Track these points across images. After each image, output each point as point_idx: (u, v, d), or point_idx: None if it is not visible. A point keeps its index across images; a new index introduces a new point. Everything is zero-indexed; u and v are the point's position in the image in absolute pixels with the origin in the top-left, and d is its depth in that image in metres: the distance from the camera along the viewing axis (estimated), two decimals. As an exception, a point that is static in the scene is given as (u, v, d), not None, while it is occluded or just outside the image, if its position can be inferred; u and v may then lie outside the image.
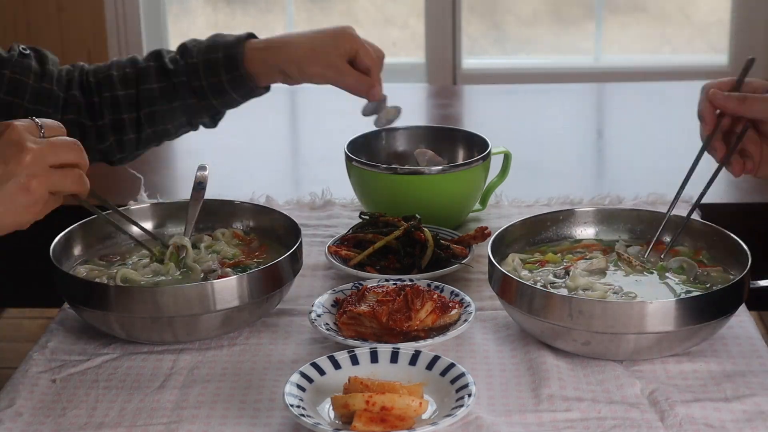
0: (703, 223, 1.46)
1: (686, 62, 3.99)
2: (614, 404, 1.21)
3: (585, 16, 4.18)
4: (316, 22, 4.20)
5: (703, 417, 1.19)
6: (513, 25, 4.22)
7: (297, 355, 1.34)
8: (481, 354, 1.33)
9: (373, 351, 1.24)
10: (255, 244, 1.50)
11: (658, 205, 1.75)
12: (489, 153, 1.68)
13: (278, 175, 2.31)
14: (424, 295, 1.33)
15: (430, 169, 1.64)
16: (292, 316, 1.43)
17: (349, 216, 1.75)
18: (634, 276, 1.38)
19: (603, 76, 3.93)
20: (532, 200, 1.82)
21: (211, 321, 1.34)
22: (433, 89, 3.50)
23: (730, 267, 1.38)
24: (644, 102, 2.70)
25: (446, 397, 1.18)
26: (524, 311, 1.29)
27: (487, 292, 1.44)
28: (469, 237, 1.54)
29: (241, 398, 1.24)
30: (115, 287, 1.33)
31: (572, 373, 1.27)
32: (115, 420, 1.21)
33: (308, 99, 2.89)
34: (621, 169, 2.28)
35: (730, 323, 1.34)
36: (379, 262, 1.50)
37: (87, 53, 3.84)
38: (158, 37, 4.05)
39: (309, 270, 1.55)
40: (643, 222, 1.48)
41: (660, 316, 1.23)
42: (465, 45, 4.05)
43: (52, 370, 1.31)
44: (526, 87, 3.10)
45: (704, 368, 1.28)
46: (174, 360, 1.33)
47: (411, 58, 4.14)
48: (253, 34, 1.71)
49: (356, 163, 1.67)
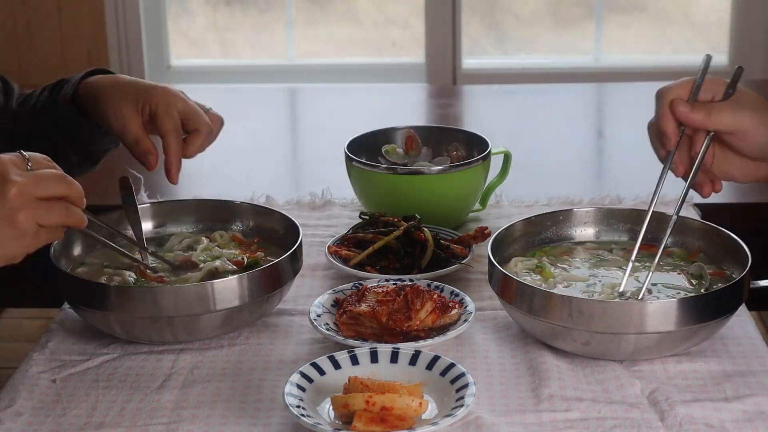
0: (703, 223, 1.46)
1: (686, 62, 3.99)
2: (614, 404, 1.21)
3: (585, 16, 4.17)
4: (317, 22, 4.20)
5: (703, 417, 1.19)
6: (513, 25, 4.22)
7: (297, 355, 1.34)
8: (481, 354, 1.33)
9: (373, 351, 1.24)
10: (254, 247, 1.50)
11: (658, 205, 1.75)
12: (489, 153, 1.68)
13: (278, 175, 2.31)
14: (424, 295, 1.33)
15: (430, 169, 1.64)
16: (292, 316, 1.43)
17: (349, 216, 1.75)
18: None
19: (603, 76, 3.93)
20: (532, 200, 1.82)
21: (211, 321, 1.34)
22: (433, 89, 3.50)
23: (730, 267, 1.38)
24: (644, 102, 2.69)
25: (446, 397, 1.18)
26: (524, 311, 1.29)
27: (487, 292, 1.44)
28: (469, 237, 1.54)
29: (241, 398, 1.24)
30: (115, 287, 1.33)
31: (572, 373, 1.27)
32: (115, 420, 1.21)
33: (308, 99, 2.89)
34: (621, 169, 2.28)
35: (730, 323, 1.34)
36: (379, 262, 1.50)
37: (87, 53, 3.84)
38: (158, 37, 4.05)
39: (309, 270, 1.55)
40: (643, 222, 1.48)
41: (660, 316, 1.23)
42: (465, 45, 4.05)
43: (52, 370, 1.31)
44: (526, 87, 3.10)
45: (704, 368, 1.28)
46: (174, 360, 1.33)
47: (411, 58, 4.14)
48: (99, 71, 1.57)
49: (356, 163, 1.67)
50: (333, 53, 4.25)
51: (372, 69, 4.13)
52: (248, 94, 3.01)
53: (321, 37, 4.24)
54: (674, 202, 1.77)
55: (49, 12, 3.83)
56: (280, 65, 4.18)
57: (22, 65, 3.82)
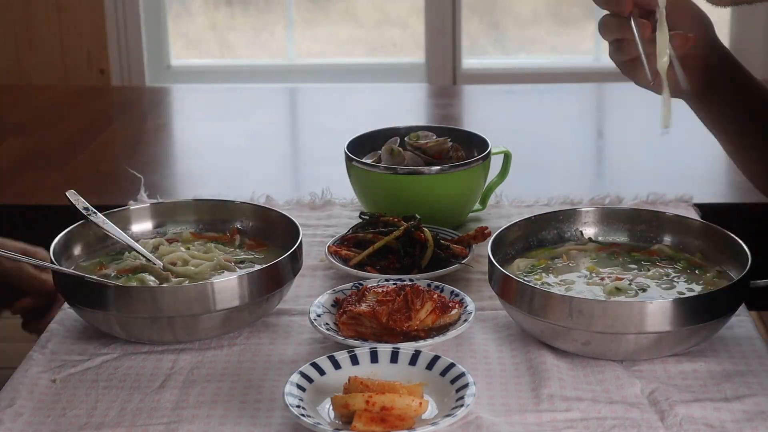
0: (703, 223, 1.46)
1: (686, 62, 3.99)
2: (614, 404, 1.21)
3: (585, 16, 4.17)
4: (317, 22, 4.20)
5: (703, 417, 1.19)
6: (513, 25, 4.22)
7: (297, 355, 1.34)
8: (481, 354, 1.33)
9: (373, 351, 1.24)
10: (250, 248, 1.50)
11: (659, 205, 1.76)
12: (489, 153, 1.68)
13: (278, 175, 2.31)
14: (424, 295, 1.33)
15: (430, 169, 1.64)
16: (292, 316, 1.43)
17: (349, 216, 1.75)
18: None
19: (603, 76, 3.92)
20: (532, 200, 1.82)
21: (211, 321, 1.34)
22: (433, 89, 3.49)
23: (730, 267, 1.38)
24: (644, 102, 2.69)
25: (446, 397, 1.18)
26: (524, 311, 1.29)
27: (487, 292, 1.44)
28: (469, 237, 1.54)
29: (241, 398, 1.24)
30: (115, 287, 1.33)
31: (572, 373, 1.27)
32: (115, 420, 1.21)
33: (308, 99, 2.89)
34: (621, 169, 2.28)
35: (730, 323, 1.34)
36: (379, 262, 1.50)
37: (87, 53, 3.84)
38: (158, 37, 4.05)
39: (309, 270, 1.55)
40: (643, 222, 1.48)
41: (660, 316, 1.23)
42: (465, 45, 4.05)
43: (52, 370, 1.31)
44: (526, 87, 3.09)
45: (704, 368, 1.28)
46: (174, 360, 1.33)
47: (411, 58, 4.14)
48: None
49: (356, 163, 1.67)
50: (333, 53, 4.25)
51: (372, 69, 4.13)
52: (248, 94, 3.00)
53: (321, 37, 4.24)
54: (674, 202, 1.78)
55: (49, 12, 3.83)
56: (280, 65, 4.18)
57: (22, 65, 3.82)
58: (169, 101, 2.91)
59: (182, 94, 3.02)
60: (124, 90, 3.61)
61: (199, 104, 2.80)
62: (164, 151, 2.41)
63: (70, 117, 2.61)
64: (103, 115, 2.66)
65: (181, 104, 2.86)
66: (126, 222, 1.52)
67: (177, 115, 2.80)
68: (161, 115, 2.73)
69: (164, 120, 2.69)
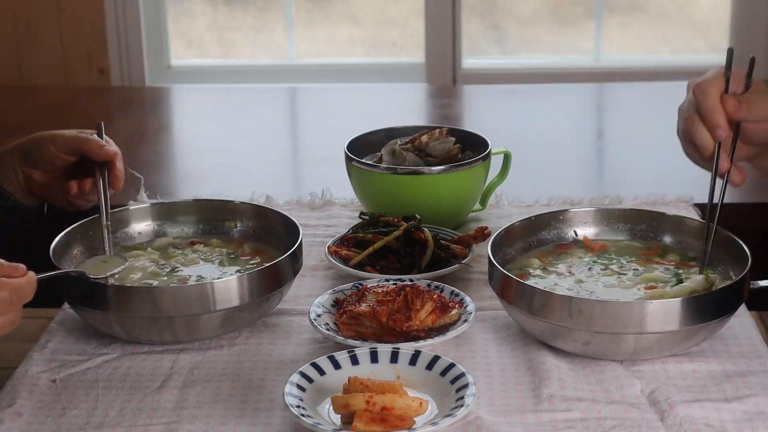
0: (703, 223, 1.45)
1: (686, 62, 3.98)
2: (614, 404, 1.21)
3: (585, 16, 4.17)
4: (317, 22, 4.20)
5: (703, 417, 1.19)
6: (513, 25, 4.21)
7: (297, 355, 1.34)
8: (481, 354, 1.33)
9: (373, 351, 1.24)
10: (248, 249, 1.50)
11: (659, 205, 1.76)
12: (489, 153, 1.68)
13: (278, 175, 2.32)
14: (424, 295, 1.33)
15: (430, 169, 1.64)
16: (292, 316, 1.43)
17: (349, 216, 1.75)
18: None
19: (603, 76, 3.92)
20: (532, 200, 1.82)
21: (211, 321, 1.34)
22: (433, 89, 3.50)
23: (730, 267, 1.38)
24: (644, 102, 2.70)
25: (446, 397, 1.18)
26: (524, 311, 1.29)
27: (487, 292, 1.44)
28: (469, 237, 1.54)
29: (241, 398, 1.24)
30: (115, 287, 1.33)
31: (572, 373, 1.27)
32: (115, 420, 1.21)
33: (308, 99, 2.89)
34: (621, 169, 2.28)
35: (730, 323, 1.34)
36: (379, 262, 1.50)
37: (87, 53, 3.84)
38: (158, 37, 4.05)
39: (309, 270, 1.55)
40: (643, 222, 1.48)
41: (660, 316, 1.23)
42: (465, 45, 4.05)
43: (52, 370, 1.31)
44: (526, 87, 3.10)
45: (704, 368, 1.28)
46: (174, 360, 1.33)
47: (411, 58, 4.14)
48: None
49: (356, 163, 1.67)
50: (333, 53, 4.25)
51: (372, 69, 4.13)
52: (248, 94, 3.00)
53: (321, 37, 4.24)
54: (674, 202, 1.78)
55: (49, 12, 3.83)
56: (280, 65, 4.18)
57: (22, 65, 3.82)
58: (170, 101, 2.92)
59: (182, 94, 3.02)
60: (124, 90, 3.61)
61: (199, 104, 2.80)
62: (164, 151, 2.41)
63: (70, 117, 2.61)
64: (103, 115, 2.66)
65: (181, 104, 2.87)
66: (126, 222, 1.52)
67: (177, 115, 2.80)
68: (161, 115, 2.74)
69: (164, 120, 2.70)
